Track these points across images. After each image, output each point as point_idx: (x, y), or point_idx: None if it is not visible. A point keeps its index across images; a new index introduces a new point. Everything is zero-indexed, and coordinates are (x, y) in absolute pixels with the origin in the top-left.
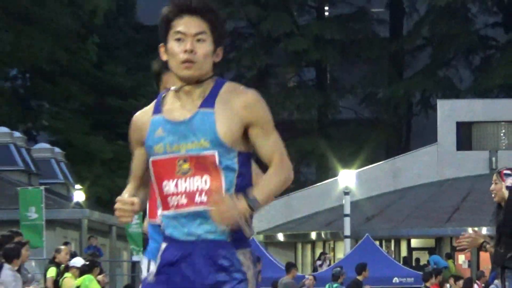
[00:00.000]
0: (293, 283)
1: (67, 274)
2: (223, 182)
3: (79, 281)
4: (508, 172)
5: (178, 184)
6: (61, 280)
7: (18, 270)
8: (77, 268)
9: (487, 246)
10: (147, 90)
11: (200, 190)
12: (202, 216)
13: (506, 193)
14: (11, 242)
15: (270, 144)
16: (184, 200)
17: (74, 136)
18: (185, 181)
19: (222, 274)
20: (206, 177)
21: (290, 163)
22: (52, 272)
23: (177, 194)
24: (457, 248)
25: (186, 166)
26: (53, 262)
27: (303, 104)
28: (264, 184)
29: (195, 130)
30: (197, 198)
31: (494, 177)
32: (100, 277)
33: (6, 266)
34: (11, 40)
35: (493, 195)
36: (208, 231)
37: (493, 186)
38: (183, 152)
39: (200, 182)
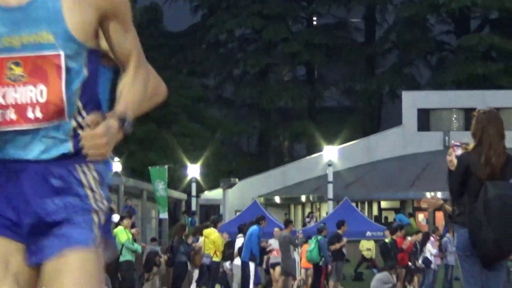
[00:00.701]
0: (290, 235)
1: None
2: (64, 92)
3: (113, 232)
4: (458, 144)
5: (6, 94)
6: None
7: None
8: (115, 223)
9: (446, 206)
10: (173, 84)
11: (33, 103)
12: (35, 134)
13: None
14: None
15: (128, 42)
16: (12, 115)
17: None
18: (15, 90)
19: (55, 199)
20: (43, 87)
21: (150, 66)
22: None
23: (4, 107)
24: (422, 207)
25: (18, 70)
26: None
27: (296, 95)
28: (130, 96)
29: (35, 19)
30: (30, 114)
31: (449, 150)
32: (133, 230)
33: None
34: None
35: (450, 166)
36: (41, 151)
37: (449, 158)
38: (17, 49)
39: (34, 93)
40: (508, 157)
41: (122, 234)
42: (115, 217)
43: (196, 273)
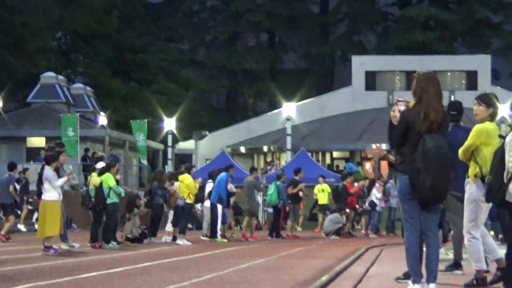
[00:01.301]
0: (254, 181)
1: (93, 173)
2: None
3: (101, 178)
4: (401, 99)
5: None
6: (89, 177)
7: (56, 170)
8: (100, 169)
9: (389, 156)
10: (153, 49)
11: None
12: None
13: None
14: (51, 150)
15: None
16: None
17: (100, 79)
18: None
19: None
20: None
21: None
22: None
23: None
24: (368, 156)
25: None
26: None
27: (259, 59)
28: None
29: None
30: None
31: (393, 107)
32: (117, 176)
33: (47, 167)
34: (58, 13)
35: (393, 120)
36: None
37: (392, 114)
38: None
39: None
40: (445, 114)
41: (110, 179)
42: (100, 164)
43: (171, 214)
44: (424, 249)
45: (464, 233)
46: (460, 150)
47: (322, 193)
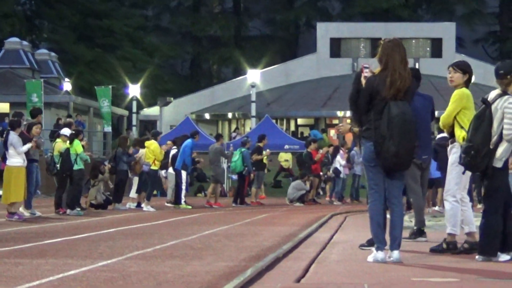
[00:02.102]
0: (221, 148)
1: (58, 140)
2: None
3: (69, 144)
4: (367, 65)
5: None
6: (53, 144)
7: (20, 135)
8: (66, 135)
9: (354, 129)
10: (117, 15)
11: None
12: None
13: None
14: (15, 116)
15: None
16: None
17: (65, 45)
18: None
19: None
20: None
21: None
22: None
23: None
24: (340, 131)
25: None
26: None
27: (224, 25)
28: None
29: None
30: None
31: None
32: (83, 142)
33: (11, 132)
34: None
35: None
36: None
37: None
38: None
39: None
40: (411, 81)
41: (78, 146)
42: (65, 131)
43: (135, 180)
44: (388, 216)
45: (447, 196)
46: (443, 117)
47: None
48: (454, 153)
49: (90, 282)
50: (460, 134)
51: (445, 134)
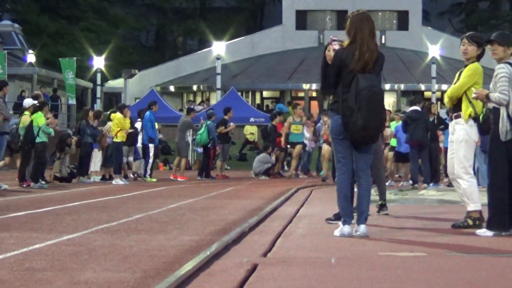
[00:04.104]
0: (190, 121)
1: (26, 112)
2: None
3: (32, 116)
4: (335, 38)
5: None
6: (19, 117)
7: None
8: (30, 107)
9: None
10: None
11: None
12: None
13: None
14: None
15: None
16: None
17: (29, 16)
18: None
19: None
20: None
21: None
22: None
23: None
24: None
25: None
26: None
27: None
28: None
29: None
30: None
31: (329, 46)
32: (49, 116)
33: None
34: None
35: (328, 60)
36: None
37: (328, 53)
38: None
39: None
40: (379, 54)
41: (40, 118)
42: (27, 102)
43: (98, 154)
44: (356, 190)
45: (461, 174)
46: (453, 88)
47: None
48: (460, 130)
49: (55, 256)
50: (467, 110)
51: (416, 107)
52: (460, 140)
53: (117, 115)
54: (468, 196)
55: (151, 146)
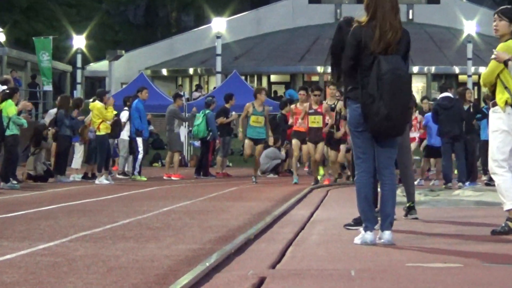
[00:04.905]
0: (176, 109)
1: None
2: None
3: (0, 106)
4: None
5: None
6: None
7: None
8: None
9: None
10: None
11: None
12: None
13: None
14: None
15: None
16: None
17: None
18: None
19: None
20: None
21: None
22: None
23: None
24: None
25: None
26: None
27: None
28: None
29: None
30: None
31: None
32: (23, 103)
33: None
34: None
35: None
36: None
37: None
38: None
39: None
40: (403, 32)
41: (11, 108)
42: None
43: (79, 149)
44: (379, 190)
45: (494, 168)
46: (484, 73)
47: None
48: (496, 119)
49: (29, 268)
50: (502, 96)
51: (448, 94)
52: (495, 130)
53: (97, 104)
54: (503, 193)
55: (139, 140)
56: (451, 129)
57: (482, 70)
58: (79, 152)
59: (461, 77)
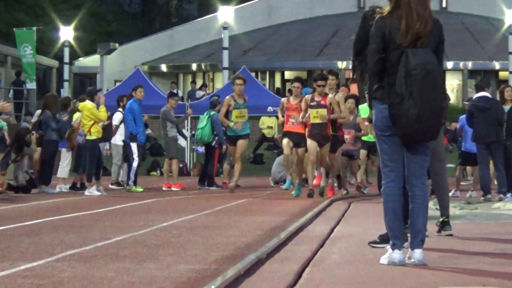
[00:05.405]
0: (167, 110)
1: None
2: None
3: None
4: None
5: None
6: None
7: None
8: None
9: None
10: None
11: None
12: None
13: None
14: None
15: None
16: None
17: None
18: None
19: None
20: None
21: None
22: None
23: None
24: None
25: None
26: None
27: None
28: None
29: None
30: None
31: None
32: (3, 106)
33: None
34: None
35: None
36: None
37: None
38: None
39: None
40: (434, 22)
41: None
42: None
43: (66, 155)
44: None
45: None
46: None
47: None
48: None
49: None
50: None
51: (485, 93)
52: None
53: (87, 104)
54: None
55: (134, 145)
56: (487, 134)
57: None
58: (66, 159)
59: (502, 74)
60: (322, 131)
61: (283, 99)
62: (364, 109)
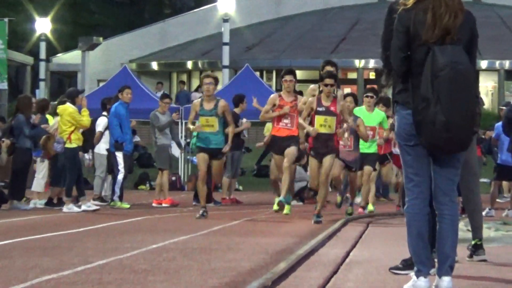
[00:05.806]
0: (154, 114)
1: None
2: None
3: None
4: None
5: None
6: None
7: None
8: None
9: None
10: None
11: None
12: None
13: None
14: None
15: None
16: None
17: None
18: None
19: None
20: None
21: None
22: None
23: None
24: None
25: None
26: None
27: None
28: None
29: None
30: None
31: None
32: None
33: None
34: None
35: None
36: None
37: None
38: None
39: None
40: (465, 14)
41: None
42: None
43: (42, 166)
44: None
45: None
46: None
47: None
48: None
49: None
50: None
51: None
52: None
53: (68, 108)
54: None
55: (119, 154)
56: None
57: None
58: (41, 171)
59: None
60: (327, 142)
61: (274, 95)
62: (357, 112)
